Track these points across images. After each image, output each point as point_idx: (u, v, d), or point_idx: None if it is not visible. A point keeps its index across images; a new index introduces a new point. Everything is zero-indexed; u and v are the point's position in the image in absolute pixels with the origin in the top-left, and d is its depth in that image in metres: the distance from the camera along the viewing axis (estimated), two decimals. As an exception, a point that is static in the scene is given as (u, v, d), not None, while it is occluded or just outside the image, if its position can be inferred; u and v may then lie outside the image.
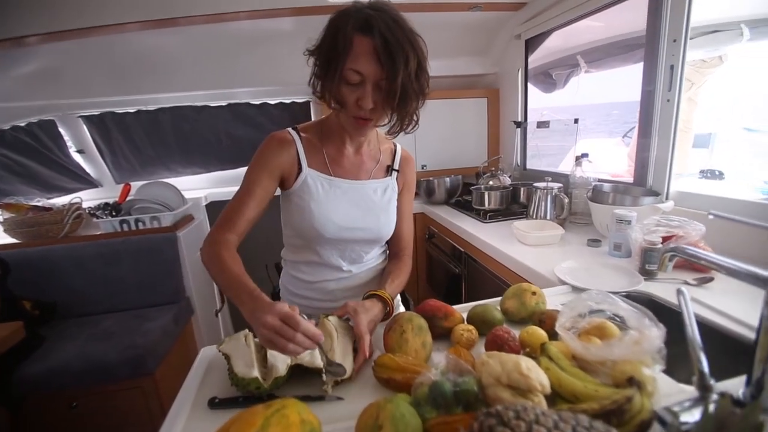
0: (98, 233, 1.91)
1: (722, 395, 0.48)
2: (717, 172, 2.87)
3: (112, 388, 1.51)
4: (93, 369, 1.48)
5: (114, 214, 1.97)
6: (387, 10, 0.68)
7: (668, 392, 0.58)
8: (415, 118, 0.78)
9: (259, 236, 2.81)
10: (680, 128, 2.80)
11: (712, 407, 0.45)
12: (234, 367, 0.60)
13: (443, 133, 2.33)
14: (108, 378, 1.49)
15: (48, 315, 1.78)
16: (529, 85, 2.17)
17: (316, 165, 0.85)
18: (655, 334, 0.57)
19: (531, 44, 2.02)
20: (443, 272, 1.98)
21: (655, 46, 1.26)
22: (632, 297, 0.92)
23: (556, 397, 0.55)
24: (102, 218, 1.93)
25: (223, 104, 2.24)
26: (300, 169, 0.83)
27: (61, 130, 2.10)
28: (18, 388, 1.43)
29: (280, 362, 0.62)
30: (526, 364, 0.52)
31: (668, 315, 0.83)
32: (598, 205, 1.30)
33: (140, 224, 1.95)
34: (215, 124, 2.27)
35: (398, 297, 1.08)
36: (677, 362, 0.62)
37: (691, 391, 0.57)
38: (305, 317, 0.59)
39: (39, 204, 1.98)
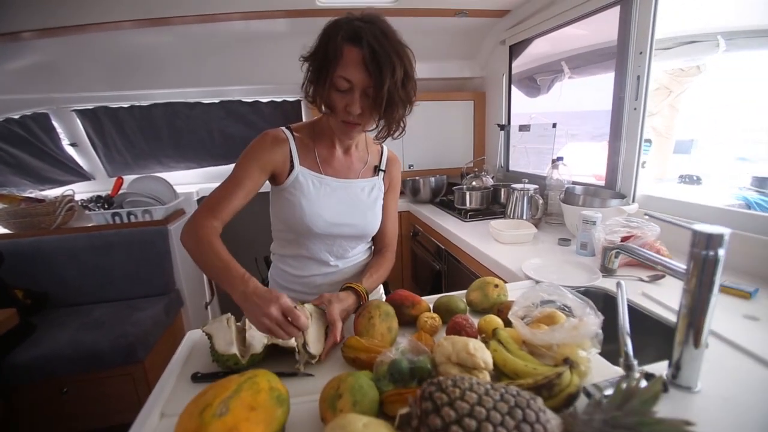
0: (90, 225, 1.95)
1: (640, 373, 0.55)
2: (695, 177, 2.96)
3: (102, 374, 1.56)
4: (84, 356, 1.53)
5: (106, 206, 2.02)
6: (376, 23, 0.73)
7: (605, 374, 0.65)
8: (401, 124, 0.82)
9: (249, 229, 2.85)
10: (661, 134, 2.88)
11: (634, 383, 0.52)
12: (215, 345, 0.66)
13: (431, 134, 2.40)
14: (99, 365, 1.54)
15: (40, 304, 1.82)
16: (514, 90, 2.25)
17: (307, 164, 0.89)
18: (592, 321, 0.64)
19: (515, 50, 2.09)
20: (427, 269, 2.05)
21: (624, 57, 1.34)
22: (590, 292, 1.00)
23: (502, 375, 0.62)
24: (94, 211, 1.97)
25: (216, 101, 2.28)
26: (292, 167, 0.87)
27: (54, 123, 2.13)
28: (9, 375, 1.47)
29: (257, 342, 0.68)
30: (474, 345, 0.59)
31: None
32: (568, 206, 1.37)
33: (132, 217, 1.99)
34: (208, 121, 2.31)
35: (381, 289, 1.14)
36: (635, 349, 0.68)
37: (618, 369, 0.64)
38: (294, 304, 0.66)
39: (32, 195, 2.02)
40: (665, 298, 0.92)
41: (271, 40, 2.06)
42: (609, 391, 0.56)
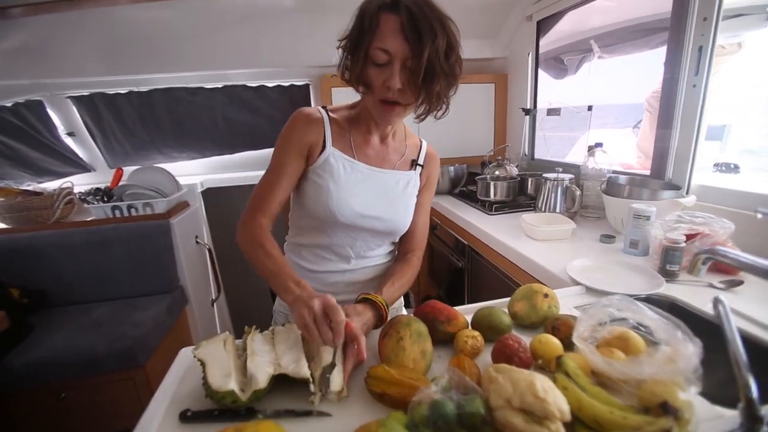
0: (89, 219, 1.85)
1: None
2: (732, 166, 2.75)
3: (101, 379, 1.46)
4: (81, 361, 1.43)
5: (106, 199, 1.91)
6: None
7: (703, 417, 0.50)
8: (445, 101, 0.74)
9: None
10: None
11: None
12: (209, 377, 0.53)
13: (448, 120, 2.16)
14: (96, 370, 1.44)
15: (37, 303, 1.73)
16: (540, 71, 2.06)
17: (340, 146, 0.81)
18: (691, 351, 0.49)
19: (543, 26, 1.91)
20: (445, 265, 1.91)
21: (681, 26, 1.16)
22: (652, 300, 0.84)
23: (576, 422, 0.47)
24: (93, 204, 1.87)
25: (219, 86, 2.14)
26: (324, 148, 0.80)
27: (49, 111, 2.01)
28: (5, 378, 1.38)
29: (261, 372, 0.55)
30: (542, 384, 0.45)
31: (694, 322, 0.76)
32: (613, 198, 1.21)
33: (133, 210, 1.88)
34: (211, 107, 2.17)
35: (400, 299, 1.02)
36: (706, 377, 0.55)
37: (731, 416, 0.50)
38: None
39: (29, 188, 1.91)
40: (748, 310, 0.76)
41: (277, 18, 1.90)
42: (730, 453, 0.42)
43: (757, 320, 0.73)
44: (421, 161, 0.89)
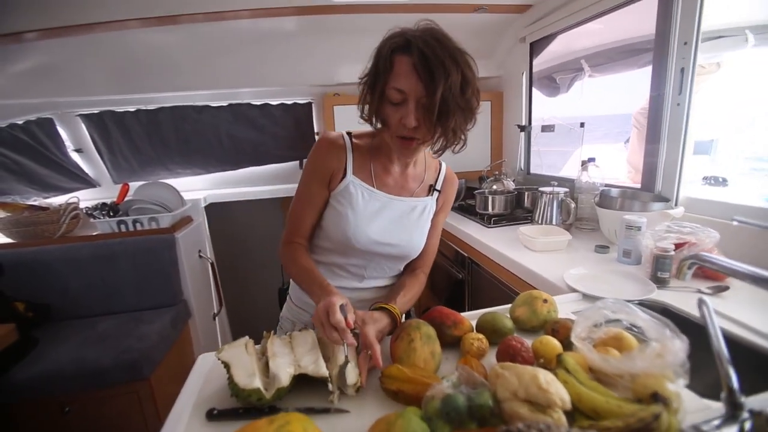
0: (95, 234, 1.88)
1: (756, 413, 0.45)
2: (720, 179, 2.84)
3: (106, 393, 1.47)
4: (87, 373, 1.44)
5: (112, 214, 1.94)
6: (429, 31, 0.69)
7: (691, 408, 0.55)
8: (462, 136, 0.76)
9: (278, 232, 2.75)
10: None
11: (748, 426, 0.43)
12: (234, 377, 0.57)
13: (446, 136, 2.31)
14: (102, 383, 1.45)
15: (42, 317, 1.74)
16: (534, 89, 2.16)
17: (361, 175, 0.84)
18: (678, 346, 0.54)
19: (536, 47, 2.01)
20: (445, 277, 1.95)
21: (664, 49, 1.24)
22: (645, 306, 0.89)
23: (576, 412, 0.52)
24: (99, 218, 1.90)
25: (224, 104, 2.21)
26: (344, 174, 0.83)
27: (59, 128, 2.06)
28: (10, 391, 1.39)
29: (283, 372, 0.58)
30: (545, 377, 0.50)
31: (683, 325, 0.80)
32: (606, 210, 1.27)
33: (138, 225, 1.91)
34: (216, 125, 2.24)
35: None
36: (695, 374, 0.59)
37: (715, 407, 0.54)
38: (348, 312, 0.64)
39: (35, 203, 1.94)
40: (733, 313, 0.81)
41: (281, 39, 1.99)
42: (715, 437, 0.46)
43: (741, 322, 0.78)
44: (438, 186, 0.91)
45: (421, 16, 0.74)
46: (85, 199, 2.13)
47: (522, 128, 2.05)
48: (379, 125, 0.77)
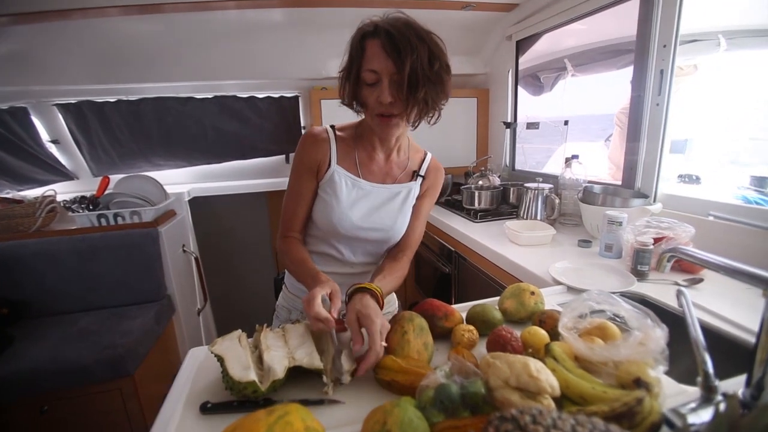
0: (74, 228, 1.82)
1: (729, 396, 0.48)
2: (694, 177, 2.96)
3: (87, 390, 1.43)
4: (67, 371, 1.40)
5: (91, 208, 1.88)
6: (397, 17, 0.74)
7: (670, 393, 0.58)
8: (433, 106, 0.79)
9: (263, 227, 2.72)
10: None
11: (722, 408, 0.45)
12: (229, 370, 0.57)
13: (432, 132, 2.29)
14: (84, 380, 1.41)
15: (18, 314, 1.68)
16: (519, 88, 2.19)
17: (345, 164, 0.88)
18: (659, 334, 0.57)
19: (522, 46, 2.04)
20: (431, 271, 1.98)
21: (645, 51, 1.29)
22: (626, 297, 0.93)
23: (563, 399, 0.54)
24: (78, 212, 1.84)
25: (209, 96, 2.16)
26: (329, 165, 0.87)
27: (34, 118, 1.98)
28: (-17, 392, 1.34)
29: (278, 364, 0.59)
30: (535, 365, 0.51)
31: (661, 315, 0.84)
32: (588, 206, 1.31)
33: (119, 219, 1.86)
34: (200, 117, 2.19)
35: (395, 302, 1.08)
36: (672, 362, 0.63)
37: (692, 391, 0.57)
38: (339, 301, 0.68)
39: (8, 196, 1.87)
40: (709, 304, 0.86)
41: (268, 31, 1.96)
42: (692, 418, 0.49)
43: (715, 312, 0.83)
44: (422, 172, 0.95)
45: (409, 12, 0.77)
46: (63, 192, 2.05)
47: (507, 125, 2.09)
48: (360, 109, 0.82)
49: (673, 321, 0.80)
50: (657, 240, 1.02)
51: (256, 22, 1.89)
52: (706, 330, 0.80)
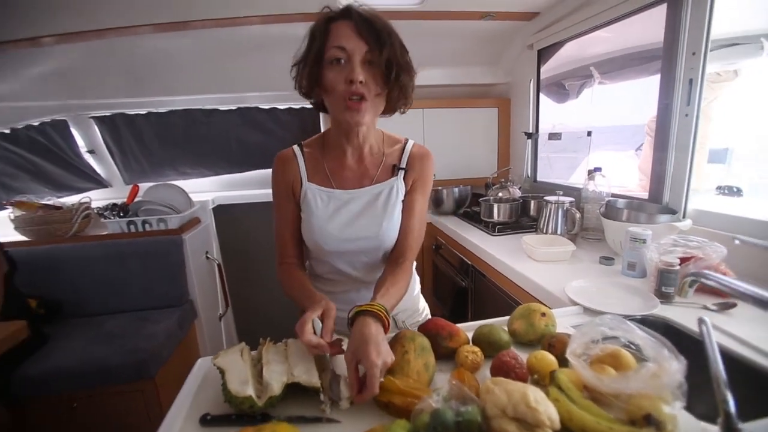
0: (105, 233, 1.92)
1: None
2: (735, 189, 2.77)
3: (112, 390, 1.49)
4: (95, 371, 1.47)
5: (122, 214, 1.98)
6: (363, 8, 0.73)
7: (689, 430, 0.54)
8: (406, 93, 0.78)
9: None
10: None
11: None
12: (228, 383, 0.58)
13: (453, 142, 2.31)
14: (109, 381, 1.48)
15: (53, 314, 1.79)
16: (542, 96, 2.14)
17: (317, 179, 0.86)
18: (675, 367, 0.53)
19: (543, 54, 1.99)
20: (450, 285, 1.94)
21: (672, 59, 1.23)
22: (647, 321, 0.88)
23: (565, 431, 0.51)
24: (110, 219, 1.94)
25: (233, 108, 2.24)
26: (302, 183, 0.85)
27: (72, 130, 2.12)
28: (20, 387, 1.43)
29: (275, 381, 0.59)
30: (534, 395, 0.49)
31: (686, 342, 0.79)
32: (611, 221, 1.25)
33: (147, 226, 1.95)
34: (225, 128, 2.28)
35: (422, 302, 1.04)
36: (695, 394, 0.58)
37: (714, 430, 0.53)
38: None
39: (49, 203, 2.00)
40: (740, 332, 0.79)
41: (290, 45, 1.99)
42: (709, 463, 0.45)
43: (747, 342, 0.76)
44: (403, 164, 0.86)
45: (429, 23, 0.76)
46: (97, 199, 2.17)
47: (529, 135, 2.04)
48: (322, 94, 0.76)
49: (699, 349, 0.75)
50: (684, 260, 0.96)
51: (279, 36, 1.95)
52: (737, 362, 0.74)
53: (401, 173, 0.86)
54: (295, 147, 0.88)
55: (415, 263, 0.92)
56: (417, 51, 0.76)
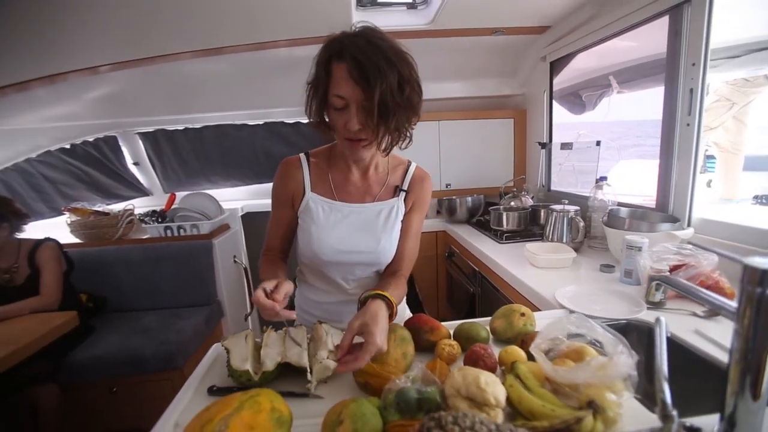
0: (145, 237, 2.13)
1: (686, 427, 0.49)
2: (773, 198, 2.61)
3: (145, 378, 1.66)
4: (131, 360, 1.65)
5: (160, 220, 2.19)
6: (364, 35, 0.71)
7: (641, 421, 0.58)
8: (406, 133, 0.78)
9: (255, 248, 2.88)
10: (727, 150, 2.60)
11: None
12: (231, 360, 0.68)
13: (469, 153, 2.36)
14: (143, 369, 1.64)
15: (99, 308, 2.00)
16: (558, 106, 2.16)
17: (320, 189, 0.87)
18: (623, 360, 0.58)
19: (556, 66, 2.02)
20: (463, 292, 1.98)
21: (674, 69, 1.24)
22: (632, 325, 0.90)
23: (517, 414, 0.57)
24: (149, 224, 2.16)
25: (261, 123, 2.42)
26: (305, 192, 0.87)
27: (121, 144, 2.38)
28: (69, 371, 1.62)
29: (270, 360, 0.69)
30: (486, 379, 0.55)
31: (671, 347, 0.81)
32: (612, 230, 1.27)
33: (182, 231, 2.14)
34: (253, 141, 2.46)
35: (406, 310, 1.07)
36: (683, 396, 0.61)
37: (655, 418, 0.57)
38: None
39: (100, 209, 2.25)
40: (723, 338, 0.80)
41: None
42: (641, 444, 0.49)
43: (723, 344, 0.77)
44: (405, 186, 0.89)
45: (442, 41, 0.73)
46: (139, 206, 2.41)
47: (542, 145, 2.06)
48: (328, 130, 0.79)
49: (684, 354, 0.77)
50: (675, 267, 0.98)
51: (304, 57, 2.07)
52: (719, 368, 0.75)
53: (402, 195, 0.90)
54: (302, 155, 0.89)
55: None
56: (432, 66, 0.78)
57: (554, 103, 2.15)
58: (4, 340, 1.32)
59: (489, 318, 0.89)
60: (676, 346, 0.83)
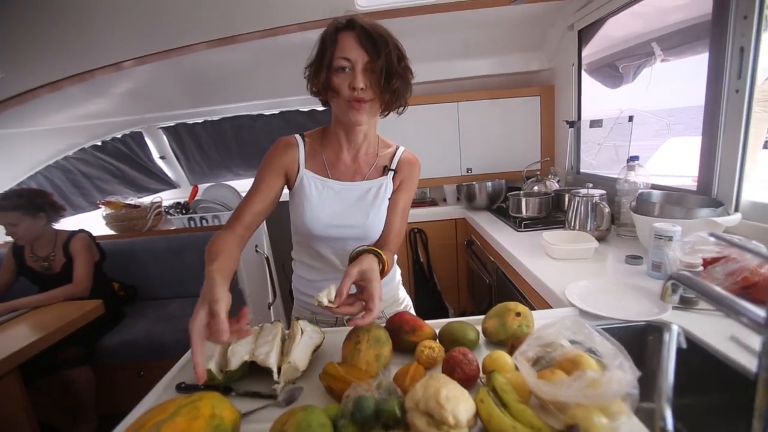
0: (171, 228, 2.21)
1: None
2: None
3: (168, 363, 1.72)
4: (154, 346, 1.73)
5: (184, 212, 2.27)
6: (366, 18, 0.80)
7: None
8: (402, 99, 0.85)
9: (277, 238, 2.90)
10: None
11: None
12: (196, 359, 0.66)
13: (491, 135, 2.22)
14: (165, 355, 1.72)
15: (130, 296, 2.12)
16: (593, 81, 1.96)
17: (314, 167, 0.91)
18: (618, 377, 0.48)
19: (585, 35, 1.82)
20: (482, 283, 1.88)
21: (722, 24, 1.05)
22: (654, 327, 0.78)
23: (486, 432, 0.50)
24: (174, 216, 2.24)
25: (276, 112, 2.42)
26: (299, 171, 0.90)
27: (147, 139, 2.47)
28: (101, 354, 1.73)
29: (235, 358, 0.66)
30: (447, 393, 0.49)
31: (700, 354, 0.69)
32: (641, 216, 1.12)
33: (204, 222, 2.21)
34: (269, 131, 2.47)
35: (408, 301, 1.07)
36: (714, 414, 0.51)
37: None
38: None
39: (131, 202, 2.36)
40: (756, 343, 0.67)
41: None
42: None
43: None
44: (393, 166, 0.94)
45: (456, 14, 0.74)
46: (167, 198, 2.51)
47: (571, 124, 1.88)
48: (329, 95, 0.82)
49: (717, 364, 0.66)
50: (715, 260, 0.83)
51: (315, 42, 2.06)
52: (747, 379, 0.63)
53: (391, 174, 0.94)
54: (298, 136, 0.94)
55: (396, 256, 0.97)
56: (447, 44, 0.79)
57: (586, 76, 1.95)
58: (39, 325, 1.44)
59: (481, 317, 0.81)
60: (706, 355, 0.71)
